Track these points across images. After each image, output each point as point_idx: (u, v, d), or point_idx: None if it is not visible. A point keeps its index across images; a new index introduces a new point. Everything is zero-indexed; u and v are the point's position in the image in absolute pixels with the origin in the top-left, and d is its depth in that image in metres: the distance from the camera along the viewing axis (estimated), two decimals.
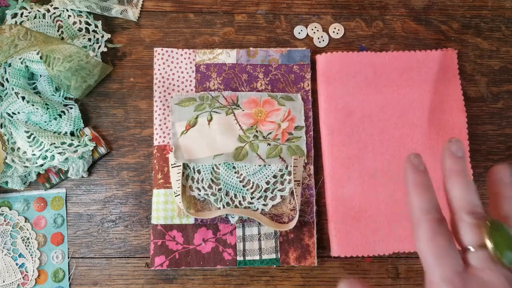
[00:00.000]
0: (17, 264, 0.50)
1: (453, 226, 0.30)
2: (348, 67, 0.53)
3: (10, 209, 0.51)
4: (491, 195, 0.31)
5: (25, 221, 0.51)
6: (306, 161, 0.51)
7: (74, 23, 0.53)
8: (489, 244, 0.28)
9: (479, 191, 0.52)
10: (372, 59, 0.53)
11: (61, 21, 0.53)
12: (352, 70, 0.53)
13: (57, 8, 0.53)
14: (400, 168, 0.51)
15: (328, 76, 0.53)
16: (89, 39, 0.52)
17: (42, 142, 0.49)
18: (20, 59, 0.50)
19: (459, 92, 0.53)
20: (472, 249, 0.29)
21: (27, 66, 0.50)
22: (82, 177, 0.51)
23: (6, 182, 0.50)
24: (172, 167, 0.50)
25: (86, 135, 0.51)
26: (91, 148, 0.51)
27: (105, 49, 0.53)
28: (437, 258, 0.29)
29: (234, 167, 0.51)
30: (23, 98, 0.49)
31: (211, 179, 0.50)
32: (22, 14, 0.52)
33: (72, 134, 0.52)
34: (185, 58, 0.53)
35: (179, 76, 0.53)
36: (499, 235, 0.28)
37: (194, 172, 0.51)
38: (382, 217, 0.50)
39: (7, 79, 0.51)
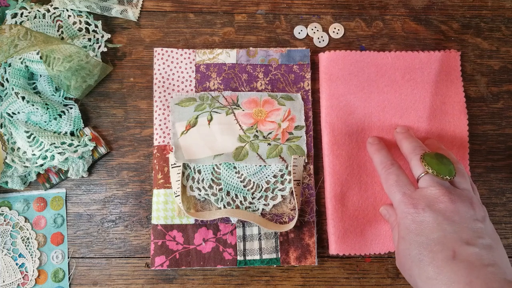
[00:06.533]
0: (17, 264, 0.50)
1: (410, 167, 0.44)
2: (351, 66, 0.53)
3: (10, 209, 0.51)
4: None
5: (25, 221, 0.51)
6: (306, 161, 0.51)
7: (74, 23, 0.53)
8: (427, 169, 0.41)
9: (479, 191, 0.53)
10: (374, 58, 0.53)
11: (61, 21, 0.53)
12: (354, 69, 0.53)
13: (57, 8, 0.53)
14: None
15: (331, 74, 0.53)
16: (89, 39, 0.52)
17: (42, 142, 0.49)
18: (20, 59, 0.50)
19: (461, 94, 0.53)
20: (420, 176, 0.42)
21: (27, 66, 0.50)
22: (82, 177, 0.51)
23: (6, 182, 0.50)
24: (172, 167, 0.50)
25: (86, 135, 0.51)
26: (91, 148, 0.51)
27: (105, 49, 0.53)
28: (391, 189, 0.43)
29: (235, 167, 0.51)
30: (23, 98, 0.48)
31: (211, 179, 0.50)
32: (22, 14, 0.52)
33: (72, 134, 0.52)
34: (185, 58, 0.53)
35: (179, 76, 0.53)
36: (429, 160, 0.42)
37: (195, 172, 0.50)
38: (381, 216, 0.50)
39: (7, 79, 0.51)
